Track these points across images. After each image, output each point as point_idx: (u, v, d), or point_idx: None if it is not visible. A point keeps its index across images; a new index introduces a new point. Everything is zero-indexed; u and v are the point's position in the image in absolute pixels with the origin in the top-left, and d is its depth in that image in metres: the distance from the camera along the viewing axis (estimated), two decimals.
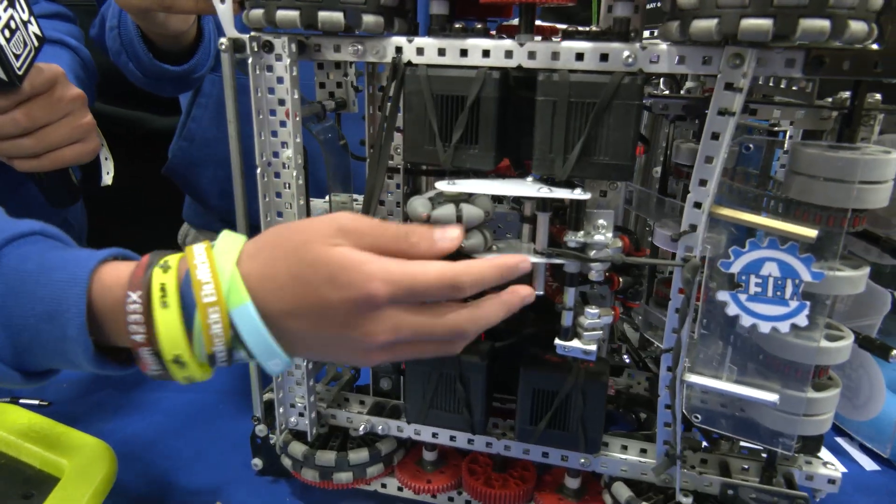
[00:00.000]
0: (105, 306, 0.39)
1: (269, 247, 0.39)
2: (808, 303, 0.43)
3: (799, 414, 0.47)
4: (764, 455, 0.54)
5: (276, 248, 0.39)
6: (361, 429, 0.58)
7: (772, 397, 0.46)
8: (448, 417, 0.56)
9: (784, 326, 0.44)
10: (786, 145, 0.53)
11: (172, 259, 0.39)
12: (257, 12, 0.45)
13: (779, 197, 0.46)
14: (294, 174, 0.50)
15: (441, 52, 0.46)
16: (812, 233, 0.41)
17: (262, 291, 0.38)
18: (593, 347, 0.48)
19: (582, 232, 0.46)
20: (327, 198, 0.58)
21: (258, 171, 0.50)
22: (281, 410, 0.58)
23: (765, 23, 0.37)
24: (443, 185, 0.46)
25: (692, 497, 0.52)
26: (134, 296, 0.37)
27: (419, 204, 0.45)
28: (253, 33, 0.47)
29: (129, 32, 0.68)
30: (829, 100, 0.47)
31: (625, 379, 0.64)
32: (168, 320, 0.37)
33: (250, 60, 0.47)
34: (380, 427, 0.58)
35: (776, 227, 0.42)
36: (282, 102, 0.49)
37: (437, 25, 0.46)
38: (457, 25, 0.46)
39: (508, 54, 0.45)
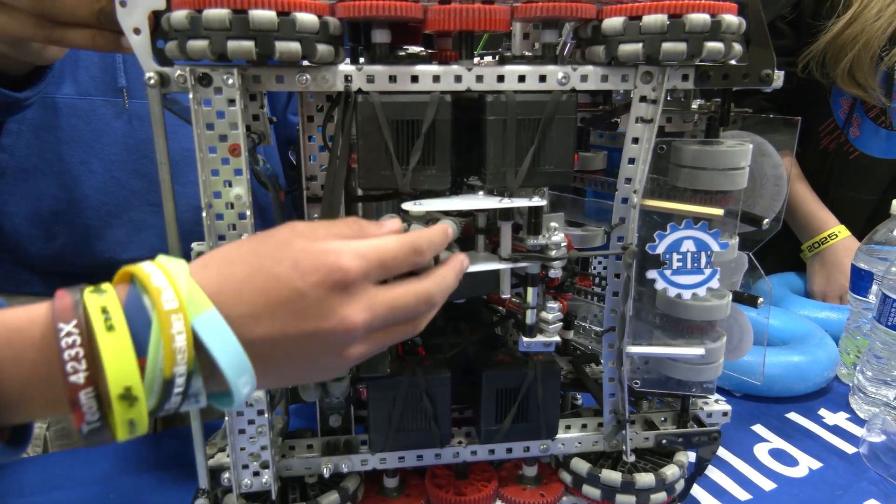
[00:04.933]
0: (5, 359, 0.31)
1: (220, 256, 0.36)
2: (718, 269, 0.53)
3: (715, 361, 0.58)
4: (674, 405, 0.64)
5: (229, 256, 0.36)
6: (325, 472, 0.55)
7: (699, 351, 0.55)
8: (414, 437, 0.56)
9: (702, 291, 0.54)
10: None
11: (104, 285, 0.33)
12: (200, 43, 0.41)
13: (672, 186, 0.56)
14: (238, 214, 0.47)
15: (392, 78, 0.47)
16: (720, 211, 0.51)
17: (222, 295, 0.34)
18: (556, 339, 0.53)
19: (541, 236, 0.50)
20: None
21: (203, 214, 0.45)
22: (227, 475, 0.53)
23: (680, 45, 0.45)
24: (409, 207, 0.47)
25: (634, 455, 0.60)
26: (67, 327, 0.31)
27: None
28: (178, 66, 0.43)
29: None
30: (695, 107, 0.58)
31: None
32: (116, 345, 0.31)
33: (190, 96, 0.43)
34: (343, 465, 0.56)
35: (693, 211, 0.51)
36: (223, 138, 0.45)
37: (381, 53, 0.48)
38: (400, 53, 0.48)
39: (458, 79, 0.47)
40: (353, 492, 0.57)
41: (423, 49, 0.55)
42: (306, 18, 0.42)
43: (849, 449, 0.74)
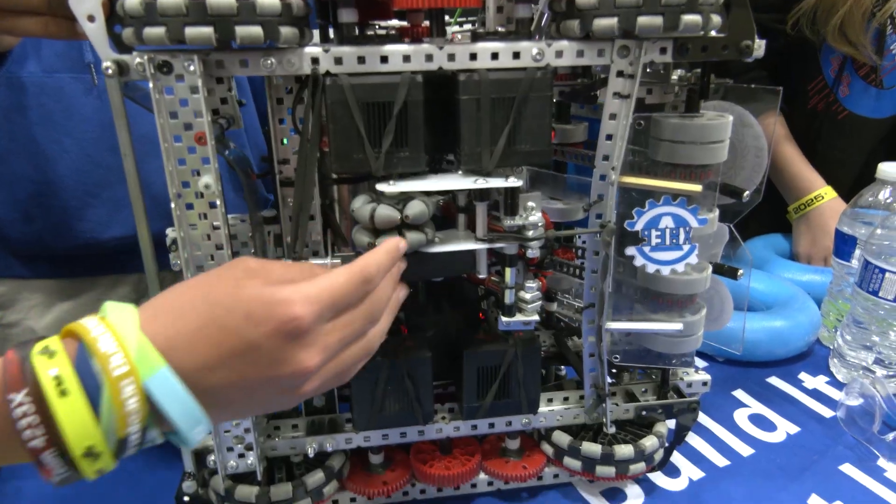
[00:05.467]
0: None
1: (170, 304, 0.36)
2: (697, 245, 0.53)
3: (694, 333, 0.58)
4: (654, 377, 0.65)
5: (180, 303, 0.36)
6: (310, 451, 0.56)
7: (677, 326, 0.55)
8: (397, 416, 0.57)
9: (680, 267, 0.53)
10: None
11: (52, 342, 0.33)
12: (156, 30, 0.40)
13: (651, 161, 0.55)
14: (209, 203, 0.46)
15: (361, 59, 0.45)
16: (697, 187, 0.51)
17: (174, 350, 0.34)
18: (535, 318, 0.53)
19: (518, 216, 0.50)
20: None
21: (172, 204, 0.45)
22: (212, 458, 0.54)
23: (656, 19, 0.44)
24: (383, 187, 0.47)
25: (614, 427, 0.61)
26: (19, 397, 0.31)
27: (364, 207, 0.46)
28: (137, 53, 0.42)
29: None
30: (676, 78, 0.57)
31: None
32: (72, 409, 0.31)
33: (151, 85, 0.42)
34: (328, 444, 0.57)
35: (671, 187, 0.51)
36: (188, 127, 0.44)
37: (349, 33, 0.46)
38: (369, 32, 0.46)
39: (429, 58, 0.46)
40: (338, 469, 0.58)
41: (395, 24, 0.53)
42: (267, 0, 0.41)
43: (827, 413, 0.75)
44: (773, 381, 0.82)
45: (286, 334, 0.35)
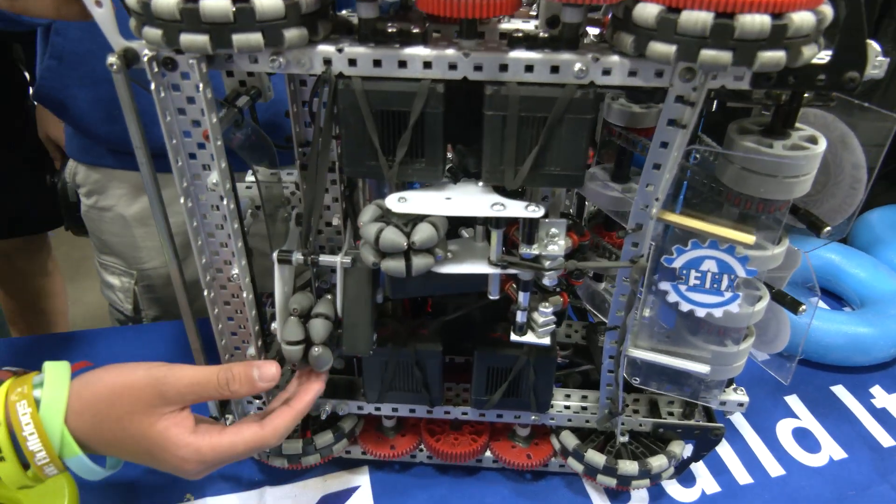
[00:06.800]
0: None
1: (93, 410, 0.44)
2: (740, 294, 0.47)
3: (729, 365, 0.53)
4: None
5: (101, 415, 0.44)
6: (323, 414, 0.59)
7: (704, 369, 0.51)
8: (407, 396, 0.58)
9: (718, 312, 0.48)
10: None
11: None
12: (154, 31, 0.38)
13: (709, 185, 0.47)
14: (221, 197, 0.45)
15: (377, 63, 0.41)
16: (750, 239, 0.44)
17: (92, 442, 0.44)
18: (546, 341, 0.50)
19: (535, 244, 0.46)
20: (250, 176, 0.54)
21: (181, 199, 0.45)
22: (234, 407, 0.59)
23: (724, 55, 0.36)
24: (393, 204, 0.44)
25: (628, 435, 0.60)
26: None
27: (371, 227, 0.44)
28: (147, 50, 0.40)
29: None
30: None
31: (562, 328, 0.69)
32: (8, 468, 0.43)
33: (152, 85, 0.41)
34: (341, 409, 0.60)
35: (719, 234, 0.44)
36: (197, 124, 0.43)
37: (368, 30, 0.41)
38: (390, 28, 0.41)
39: (452, 66, 0.41)
40: (349, 430, 0.61)
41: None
42: (268, 4, 0.37)
43: (887, 441, 0.69)
44: (838, 390, 0.75)
45: (175, 470, 0.46)
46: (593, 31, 0.47)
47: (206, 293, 0.49)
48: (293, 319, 0.51)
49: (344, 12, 0.46)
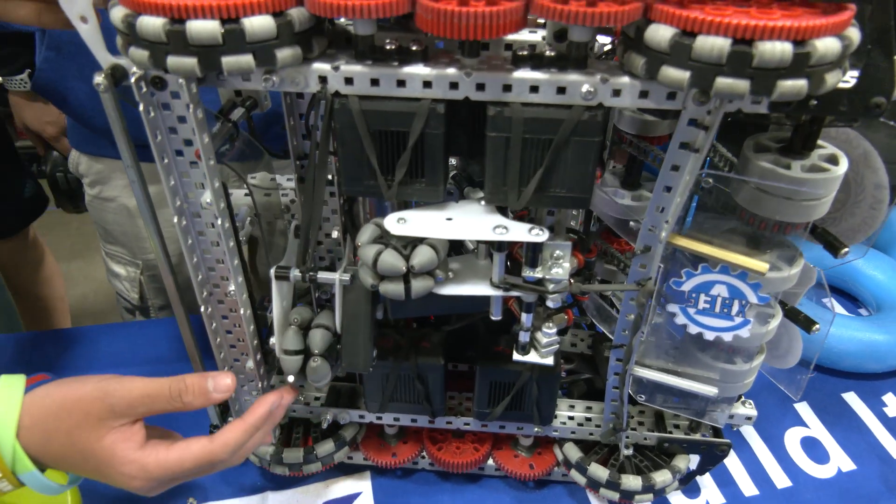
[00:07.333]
0: None
1: (43, 426, 0.44)
2: (751, 319, 0.45)
3: (739, 382, 0.52)
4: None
5: (50, 430, 0.43)
6: (324, 423, 0.59)
7: (711, 391, 0.50)
8: (408, 407, 0.58)
9: (727, 337, 0.46)
10: None
11: None
12: (141, 53, 0.36)
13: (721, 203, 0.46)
14: (215, 215, 0.44)
15: (375, 82, 0.39)
16: (763, 267, 0.42)
17: (43, 457, 0.44)
18: (550, 361, 0.49)
19: (539, 267, 0.44)
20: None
21: (174, 218, 0.44)
22: (232, 405, 0.58)
23: (741, 84, 0.33)
24: (392, 226, 0.43)
25: (632, 448, 0.59)
26: None
27: (369, 249, 0.42)
28: (135, 70, 0.38)
29: None
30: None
31: (568, 337, 0.67)
32: None
33: (141, 106, 0.39)
34: (342, 417, 0.60)
35: (731, 261, 0.42)
36: (189, 143, 0.41)
37: (365, 46, 0.39)
38: (388, 45, 0.39)
39: (454, 85, 0.39)
40: (351, 438, 0.61)
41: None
42: (259, 24, 0.35)
43: None
44: (850, 397, 0.74)
45: (123, 486, 0.45)
46: (604, 38, 0.45)
47: (203, 309, 0.49)
48: (293, 329, 0.51)
49: (342, 20, 0.44)
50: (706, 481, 0.65)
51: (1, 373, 0.77)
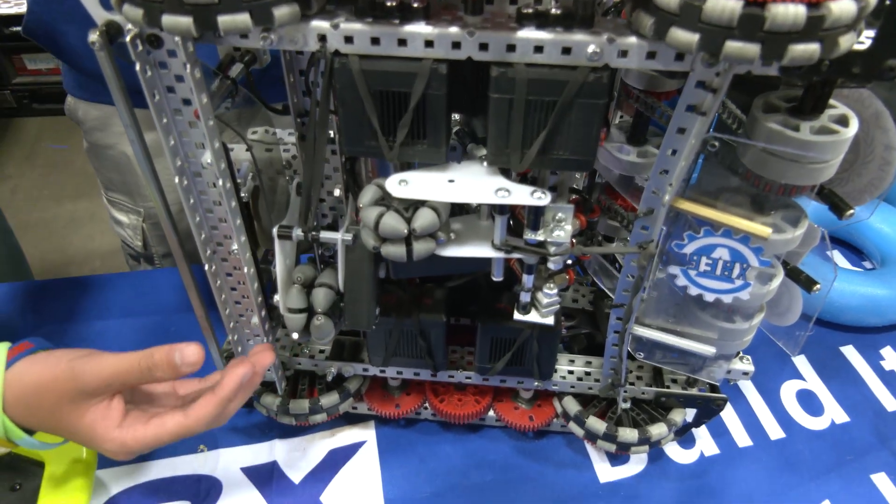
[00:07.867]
0: None
1: (24, 402, 0.46)
2: (751, 282, 0.45)
3: (738, 340, 0.53)
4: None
5: (32, 407, 0.47)
6: (329, 376, 0.60)
7: (709, 351, 0.50)
8: (411, 362, 0.59)
9: (727, 299, 0.47)
10: None
11: None
12: (135, 11, 0.35)
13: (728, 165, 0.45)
14: (216, 175, 0.44)
15: (375, 41, 0.38)
16: (766, 232, 0.42)
17: (33, 427, 0.48)
18: (550, 321, 0.50)
19: (541, 230, 0.44)
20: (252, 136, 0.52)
21: (175, 178, 0.43)
22: None
23: (751, 48, 0.32)
24: (393, 188, 0.42)
25: (630, 402, 0.60)
26: None
27: (371, 211, 0.42)
28: (130, 27, 0.37)
29: None
30: None
31: (569, 292, 0.68)
32: None
33: (137, 65, 0.38)
34: (347, 371, 0.61)
35: (735, 225, 0.42)
36: (187, 102, 0.41)
37: (365, 3, 0.38)
38: (389, 2, 0.38)
39: (456, 45, 0.38)
40: (355, 390, 0.63)
41: None
42: None
43: (891, 404, 0.69)
44: (848, 351, 0.75)
45: (106, 454, 0.48)
46: None
47: (206, 267, 0.49)
48: (296, 287, 0.51)
49: None
50: (701, 432, 0.66)
51: (11, 321, 0.79)
